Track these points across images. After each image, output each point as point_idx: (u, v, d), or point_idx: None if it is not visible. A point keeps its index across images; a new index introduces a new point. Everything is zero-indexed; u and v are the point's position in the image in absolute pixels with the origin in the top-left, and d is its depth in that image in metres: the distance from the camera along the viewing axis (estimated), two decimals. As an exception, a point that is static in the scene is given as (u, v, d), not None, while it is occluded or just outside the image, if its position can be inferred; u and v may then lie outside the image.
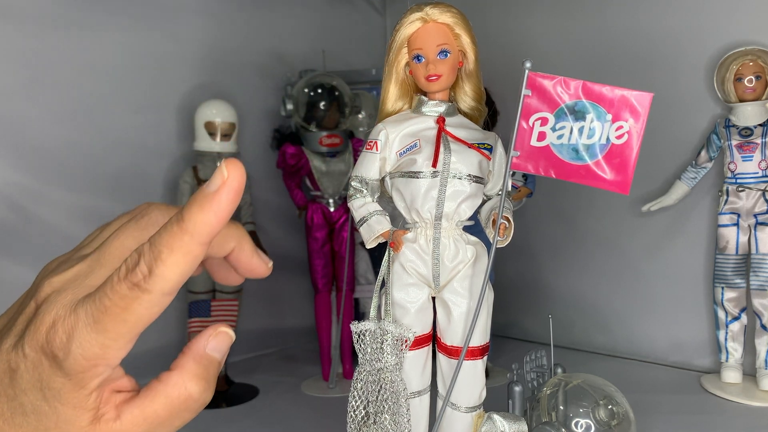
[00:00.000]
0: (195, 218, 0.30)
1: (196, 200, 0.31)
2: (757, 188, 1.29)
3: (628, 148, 0.75)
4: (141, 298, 0.31)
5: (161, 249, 0.31)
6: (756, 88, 1.29)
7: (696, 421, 1.17)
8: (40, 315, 0.32)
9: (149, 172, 1.55)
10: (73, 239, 0.42)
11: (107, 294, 0.31)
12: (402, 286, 0.83)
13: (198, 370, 0.35)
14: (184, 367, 0.34)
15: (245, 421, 1.29)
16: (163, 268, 0.30)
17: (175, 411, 0.34)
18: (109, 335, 0.31)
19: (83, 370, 0.31)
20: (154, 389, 0.34)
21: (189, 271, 0.31)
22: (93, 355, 0.31)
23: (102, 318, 0.31)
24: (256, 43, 1.74)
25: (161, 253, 0.30)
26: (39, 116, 1.39)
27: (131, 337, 0.32)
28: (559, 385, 0.94)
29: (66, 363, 0.31)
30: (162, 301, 0.32)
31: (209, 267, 0.41)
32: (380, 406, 0.80)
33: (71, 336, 0.31)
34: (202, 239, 0.31)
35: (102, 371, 0.32)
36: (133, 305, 0.31)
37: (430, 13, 0.83)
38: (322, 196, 1.49)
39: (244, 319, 1.58)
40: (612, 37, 1.57)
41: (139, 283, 0.31)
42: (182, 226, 0.30)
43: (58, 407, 0.32)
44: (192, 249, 0.31)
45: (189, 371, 0.34)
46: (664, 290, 1.54)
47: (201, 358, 0.35)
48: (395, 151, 0.84)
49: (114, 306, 0.31)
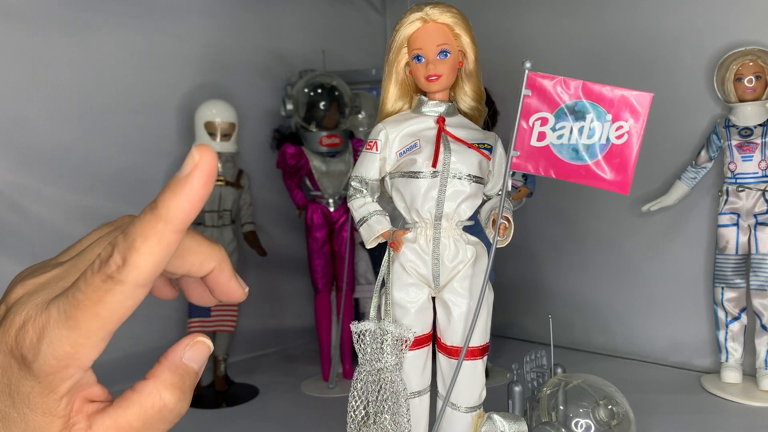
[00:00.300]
0: (168, 204, 0.29)
1: (169, 186, 0.30)
2: (757, 188, 1.29)
3: (628, 148, 0.75)
4: (114, 290, 0.30)
5: (135, 237, 0.29)
6: (756, 88, 1.28)
7: (696, 421, 1.17)
8: (10, 317, 0.31)
9: (149, 172, 1.55)
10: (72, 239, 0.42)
11: (80, 288, 0.30)
12: (402, 286, 0.83)
13: (173, 380, 0.33)
14: (160, 377, 0.33)
15: (245, 421, 1.29)
16: (137, 257, 0.29)
17: (150, 421, 0.33)
18: (81, 332, 0.30)
19: (53, 371, 0.30)
20: (128, 399, 0.33)
21: (164, 260, 0.30)
22: (64, 355, 0.30)
23: (74, 313, 0.30)
24: (256, 43, 1.74)
25: (135, 241, 0.29)
26: (39, 116, 1.39)
27: (104, 335, 0.31)
28: (559, 385, 0.94)
29: (35, 364, 0.30)
30: (136, 294, 0.30)
31: (184, 286, 0.40)
32: (380, 406, 0.80)
33: (42, 335, 0.30)
34: (176, 226, 0.30)
35: (73, 373, 0.31)
36: (106, 297, 0.30)
37: (430, 13, 0.83)
38: (322, 196, 1.49)
39: (244, 319, 1.58)
40: (612, 37, 1.57)
41: (112, 274, 0.30)
42: (156, 213, 0.29)
43: (27, 414, 0.31)
44: (166, 236, 0.30)
45: (164, 380, 0.33)
46: (664, 290, 1.54)
47: (177, 367, 0.34)
48: (395, 151, 0.84)
49: (87, 299, 0.30)
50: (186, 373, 0.34)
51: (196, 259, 0.35)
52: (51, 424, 0.31)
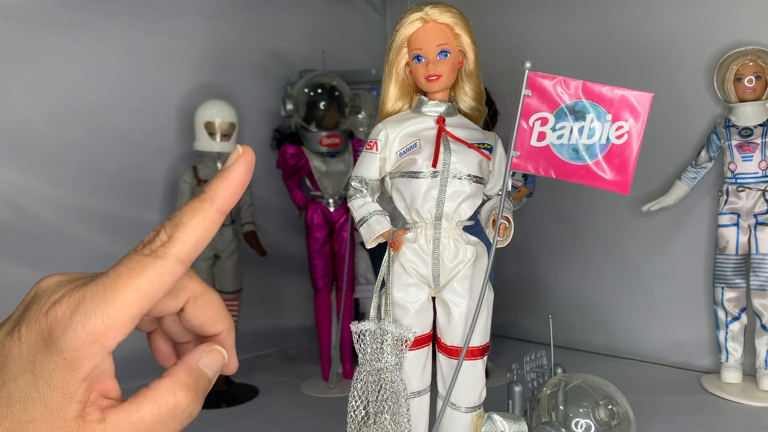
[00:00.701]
0: (215, 186, 0.34)
1: (216, 175, 0.34)
2: (757, 188, 1.29)
3: (628, 148, 0.75)
4: (156, 263, 0.32)
5: (182, 216, 0.33)
6: (756, 88, 1.28)
7: (696, 421, 1.17)
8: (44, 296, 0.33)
9: (149, 172, 1.55)
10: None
11: (122, 262, 0.32)
12: (402, 286, 0.83)
13: (188, 380, 0.35)
14: (175, 376, 0.35)
15: (245, 421, 1.29)
16: (182, 231, 0.33)
17: (162, 419, 0.34)
18: (116, 305, 0.31)
19: (80, 346, 0.31)
20: (143, 395, 0.34)
21: (206, 237, 0.33)
22: (93, 329, 0.31)
23: (113, 284, 0.32)
24: (256, 43, 1.74)
25: (182, 218, 0.33)
26: (39, 116, 1.39)
27: (136, 312, 0.32)
28: (559, 385, 0.94)
29: (64, 337, 0.31)
30: (175, 269, 0.33)
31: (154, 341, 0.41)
32: (380, 406, 0.80)
33: (76, 308, 0.31)
34: (220, 205, 0.34)
35: (97, 352, 0.32)
36: (147, 269, 0.32)
37: (430, 13, 0.83)
38: (322, 196, 1.49)
39: (244, 319, 1.58)
40: (612, 37, 1.57)
41: (156, 249, 0.32)
42: (202, 196, 0.34)
43: (47, 393, 0.31)
44: (211, 213, 0.33)
45: (180, 380, 0.35)
46: (664, 290, 1.54)
47: (192, 370, 0.35)
48: (395, 151, 0.84)
49: (128, 270, 0.32)
50: (200, 377, 0.36)
51: (213, 315, 0.38)
52: (68, 407, 0.31)
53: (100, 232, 1.45)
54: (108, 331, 0.31)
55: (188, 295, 0.37)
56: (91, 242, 1.44)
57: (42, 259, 1.36)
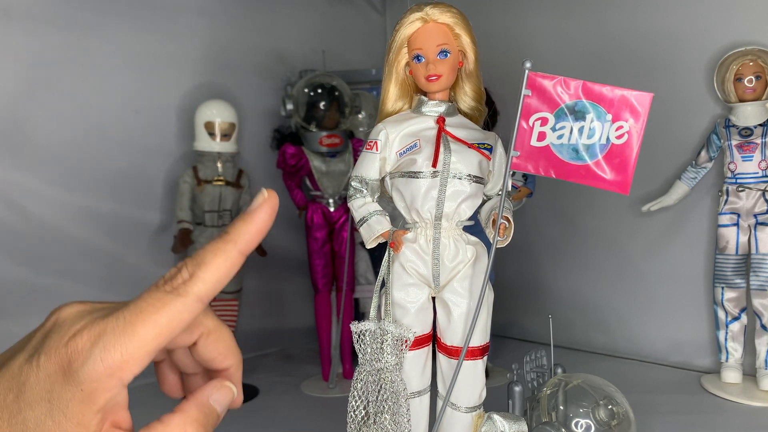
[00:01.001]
0: (238, 229, 0.35)
1: (240, 217, 0.35)
2: (757, 188, 1.29)
3: (628, 148, 0.75)
4: (176, 301, 0.33)
5: (204, 256, 0.34)
6: (756, 88, 1.28)
7: (696, 421, 1.17)
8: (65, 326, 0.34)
9: (149, 172, 1.55)
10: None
11: (143, 298, 0.33)
12: (402, 286, 0.83)
13: (199, 417, 0.36)
14: (187, 412, 0.36)
15: (245, 421, 1.29)
16: (204, 270, 0.34)
17: None
18: (135, 340, 0.33)
19: (98, 378, 0.32)
20: (154, 429, 0.34)
21: (226, 277, 0.34)
22: (112, 362, 0.32)
23: (134, 319, 0.33)
24: (256, 43, 1.74)
25: (204, 258, 0.34)
26: (39, 116, 1.39)
27: (154, 348, 0.33)
28: (559, 385, 0.94)
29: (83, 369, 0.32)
30: (194, 307, 0.34)
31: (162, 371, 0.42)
32: (380, 405, 0.80)
33: (96, 340, 0.32)
34: (242, 247, 0.35)
35: (114, 385, 0.33)
36: (167, 307, 0.33)
37: (430, 13, 0.83)
38: (322, 196, 1.49)
39: (244, 319, 1.58)
40: (612, 37, 1.57)
41: (177, 287, 0.34)
42: (225, 237, 0.35)
43: (62, 422, 0.32)
44: (233, 255, 0.35)
45: (191, 416, 0.36)
46: (664, 290, 1.54)
47: (203, 406, 0.36)
48: (395, 151, 0.84)
49: (149, 306, 0.33)
50: (210, 413, 0.37)
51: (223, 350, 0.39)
52: None
53: (100, 232, 1.45)
54: (126, 365, 0.33)
55: (202, 330, 0.38)
56: (91, 242, 1.44)
57: (42, 259, 1.36)
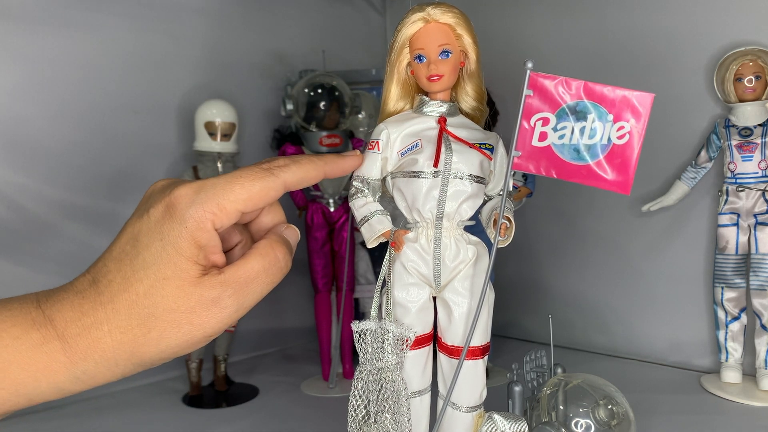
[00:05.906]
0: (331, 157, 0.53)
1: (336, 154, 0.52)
2: (757, 188, 1.29)
3: (630, 149, 0.75)
4: (269, 178, 0.44)
5: (300, 158, 0.48)
6: (756, 88, 1.29)
7: (696, 421, 1.17)
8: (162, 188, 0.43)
9: (149, 172, 1.55)
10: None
11: (244, 169, 0.44)
12: (403, 286, 0.83)
13: (281, 239, 0.46)
14: (270, 237, 0.46)
15: (245, 421, 1.29)
16: (296, 165, 0.46)
17: (266, 267, 0.44)
18: (231, 196, 0.42)
19: (199, 218, 0.41)
20: (249, 253, 0.44)
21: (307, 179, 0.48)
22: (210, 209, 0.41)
23: (233, 182, 0.43)
24: (256, 43, 1.74)
25: (299, 159, 0.48)
26: (39, 116, 1.39)
27: (243, 207, 0.43)
28: (559, 385, 0.94)
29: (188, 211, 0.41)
30: (279, 189, 0.45)
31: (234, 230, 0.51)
32: (381, 405, 0.80)
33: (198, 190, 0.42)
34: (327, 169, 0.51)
35: (210, 228, 0.41)
36: (263, 179, 0.44)
37: (432, 13, 0.83)
38: (322, 196, 1.49)
39: (244, 319, 1.56)
40: (612, 37, 1.57)
41: (273, 168, 0.45)
42: (320, 156, 0.51)
43: (174, 255, 0.40)
44: (318, 167, 0.49)
45: (274, 240, 0.46)
46: (664, 290, 1.54)
47: (280, 235, 0.47)
48: (396, 151, 0.84)
49: (248, 175, 0.43)
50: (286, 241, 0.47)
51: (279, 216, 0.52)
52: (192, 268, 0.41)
53: (100, 232, 1.45)
54: (220, 213, 0.42)
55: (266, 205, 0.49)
56: (91, 242, 1.43)
57: (42, 259, 1.36)
